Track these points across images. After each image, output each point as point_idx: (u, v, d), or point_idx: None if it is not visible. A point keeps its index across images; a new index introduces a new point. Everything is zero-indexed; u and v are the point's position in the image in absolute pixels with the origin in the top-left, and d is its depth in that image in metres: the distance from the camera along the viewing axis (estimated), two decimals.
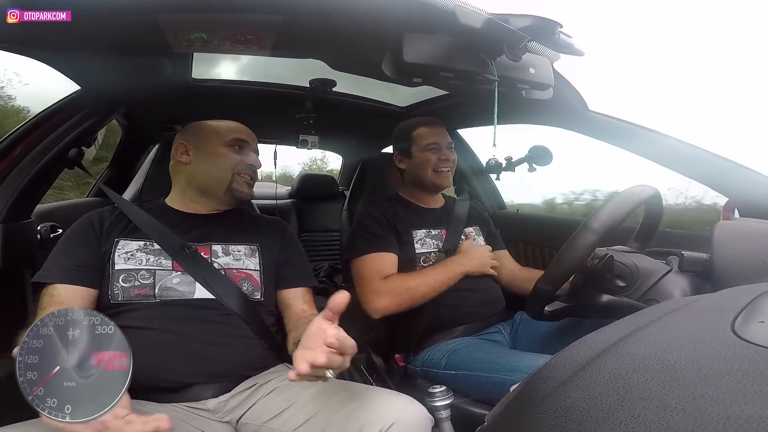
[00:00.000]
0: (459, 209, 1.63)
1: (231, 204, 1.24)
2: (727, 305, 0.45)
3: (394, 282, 1.35)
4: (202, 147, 1.20)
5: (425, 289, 1.33)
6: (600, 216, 0.87)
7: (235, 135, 1.21)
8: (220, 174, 1.19)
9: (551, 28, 0.88)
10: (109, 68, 1.21)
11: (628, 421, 0.33)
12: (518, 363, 1.15)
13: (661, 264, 0.96)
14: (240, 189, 1.20)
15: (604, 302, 0.92)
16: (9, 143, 1.29)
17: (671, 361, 0.37)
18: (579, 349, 0.47)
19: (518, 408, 0.50)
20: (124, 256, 1.07)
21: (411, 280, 1.35)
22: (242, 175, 1.20)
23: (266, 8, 0.90)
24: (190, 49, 1.09)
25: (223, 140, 1.20)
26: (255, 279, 1.16)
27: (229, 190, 1.20)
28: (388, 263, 1.41)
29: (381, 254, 1.41)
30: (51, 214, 1.62)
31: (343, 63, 1.30)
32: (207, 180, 1.20)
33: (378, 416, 0.85)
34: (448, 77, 0.93)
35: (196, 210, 1.22)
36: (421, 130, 1.57)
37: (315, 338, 0.75)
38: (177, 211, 1.21)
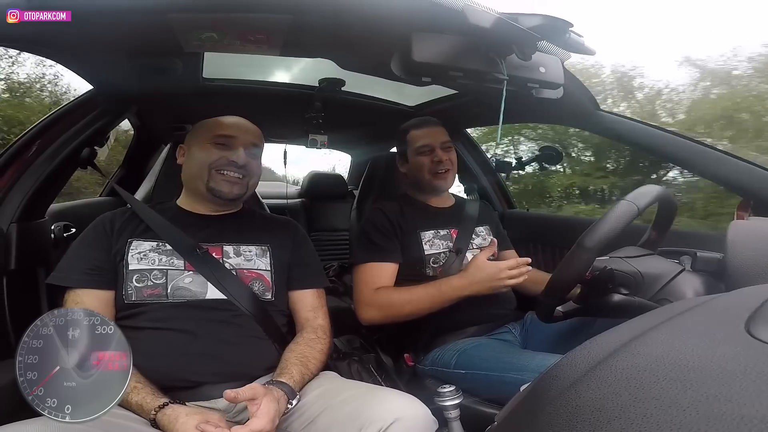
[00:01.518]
0: (470, 208, 1.62)
1: (217, 203, 1.21)
2: (742, 305, 0.45)
3: (381, 295, 1.35)
4: (190, 146, 1.21)
5: (410, 307, 1.31)
6: (594, 234, 0.86)
7: (219, 131, 1.18)
8: (197, 171, 1.17)
9: (562, 27, 0.88)
10: (122, 68, 1.22)
11: (639, 421, 0.33)
12: (529, 362, 1.15)
13: (673, 264, 0.95)
14: (217, 188, 1.16)
15: (616, 302, 0.91)
16: (23, 143, 1.30)
17: (684, 361, 0.37)
18: (590, 349, 0.47)
19: (528, 407, 0.49)
20: (137, 256, 1.08)
21: (398, 296, 1.34)
22: (221, 171, 1.17)
23: (275, 8, 0.91)
24: (200, 49, 1.10)
25: (207, 137, 1.18)
26: (266, 279, 1.17)
27: (208, 189, 1.17)
28: (384, 274, 1.40)
29: (377, 264, 1.41)
30: (64, 213, 1.63)
31: (352, 62, 1.30)
32: (188, 179, 1.21)
33: (379, 414, 0.85)
34: (457, 76, 0.93)
35: (206, 211, 1.22)
36: (413, 133, 1.56)
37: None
38: (188, 212, 1.22)
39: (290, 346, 1.11)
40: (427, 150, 1.53)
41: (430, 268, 1.45)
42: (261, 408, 0.85)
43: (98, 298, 1.04)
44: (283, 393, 0.93)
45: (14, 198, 1.27)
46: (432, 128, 1.56)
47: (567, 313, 1.00)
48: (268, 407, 0.86)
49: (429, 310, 1.31)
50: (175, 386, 0.98)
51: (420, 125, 1.57)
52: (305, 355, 1.08)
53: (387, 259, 1.42)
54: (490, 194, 2.27)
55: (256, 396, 0.86)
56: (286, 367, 1.02)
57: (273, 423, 0.85)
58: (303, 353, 1.08)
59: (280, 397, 0.91)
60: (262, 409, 0.85)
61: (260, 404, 0.86)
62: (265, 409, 0.85)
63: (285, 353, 1.08)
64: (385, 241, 1.44)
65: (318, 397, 0.98)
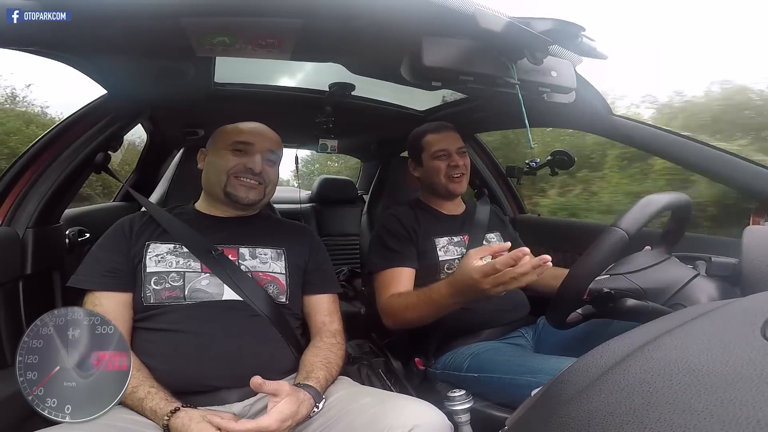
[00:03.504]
0: (480, 214, 1.61)
1: (235, 207, 1.23)
2: (757, 309, 0.44)
3: (390, 302, 1.34)
4: (210, 152, 1.24)
5: (411, 314, 1.26)
6: (583, 265, 0.87)
7: (237, 137, 1.20)
8: (216, 177, 1.20)
9: (574, 31, 0.88)
10: (135, 72, 1.24)
11: (653, 425, 0.33)
12: (543, 365, 1.14)
13: (687, 269, 0.94)
14: (235, 193, 1.19)
15: (629, 306, 0.90)
16: (38, 148, 1.32)
17: (698, 365, 0.36)
18: (603, 353, 0.47)
19: (540, 412, 0.49)
20: (155, 258, 1.10)
21: (398, 302, 1.32)
22: (239, 177, 1.19)
23: (286, 12, 0.91)
24: (212, 53, 1.11)
25: (226, 143, 1.20)
26: (281, 282, 1.17)
27: (226, 194, 1.19)
28: (401, 279, 1.39)
29: (394, 270, 1.40)
30: (79, 218, 1.65)
31: (362, 67, 1.30)
32: (207, 184, 1.23)
33: (398, 422, 0.85)
34: (467, 81, 0.92)
35: (223, 214, 1.24)
36: (429, 138, 1.56)
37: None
38: (205, 215, 1.23)
39: (312, 350, 1.11)
40: (444, 155, 1.52)
41: (444, 275, 1.44)
42: (277, 406, 0.85)
43: (116, 300, 1.05)
44: (309, 396, 0.94)
45: (30, 203, 1.29)
46: (448, 133, 1.56)
47: (585, 316, 1.00)
48: (283, 407, 0.86)
49: (429, 316, 1.22)
50: (192, 391, 0.99)
51: (436, 130, 1.57)
52: (329, 360, 1.08)
53: (403, 263, 1.41)
54: (500, 199, 2.27)
55: (279, 392, 0.86)
56: (313, 370, 1.02)
57: (282, 424, 0.85)
58: (327, 358, 1.09)
59: (306, 400, 0.92)
60: (278, 407, 0.85)
61: (278, 402, 0.86)
62: (280, 408, 0.85)
63: (308, 357, 1.08)
64: (401, 246, 1.44)
65: (335, 402, 0.98)
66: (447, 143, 1.53)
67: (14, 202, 1.28)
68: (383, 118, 2.07)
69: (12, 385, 0.96)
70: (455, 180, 1.52)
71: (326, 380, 1.03)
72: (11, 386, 0.97)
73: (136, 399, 0.91)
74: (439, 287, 1.17)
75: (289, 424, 0.87)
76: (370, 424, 0.87)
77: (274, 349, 1.09)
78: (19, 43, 0.93)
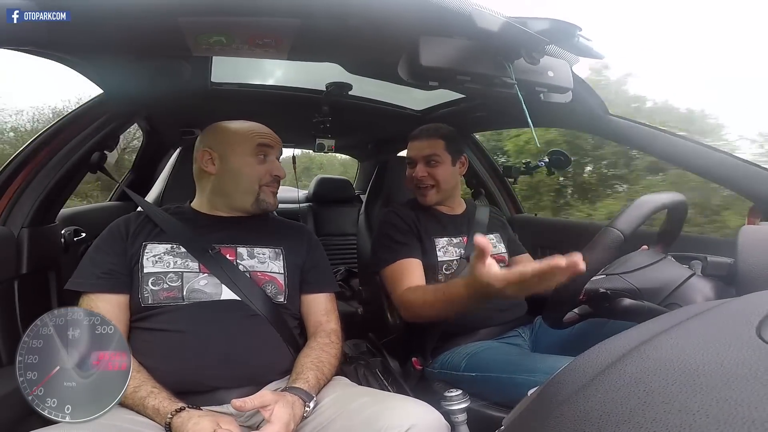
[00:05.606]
0: (480, 216, 1.61)
1: (257, 213, 1.24)
2: (753, 309, 0.44)
3: (409, 296, 1.30)
4: (227, 156, 1.19)
5: (430, 311, 1.23)
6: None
7: (259, 140, 1.20)
8: (247, 187, 1.19)
9: (570, 31, 0.88)
10: (131, 72, 1.23)
11: (648, 425, 0.33)
12: (541, 364, 1.14)
13: (683, 268, 0.95)
14: (267, 200, 1.21)
15: (625, 306, 0.90)
16: (33, 148, 1.31)
17: (694, 365, 0.37)
18: (599, 353, 0.47)
19: (536, 412, 0.49)
20: (152, 259, 1.09)
21: (420, 298, 1.27)
22: (270, 186, 1.21)
23: (283, 12, 0.91)
24: (209, 53, 1.11)
25: (248, 148, 1.19)
26: (279, 282, 1.17)
27: (257, 202, 1.20)
28: (413, 270, 1.37)
29: (405, 261, 1.38)
30: (74, 218, 1.65)
31: (359, 66, 1.30)
32: (234, 193, 1.20)
33: (394, 422, 0.84)
34: (464, 80, 0.92)
35: (222, 213, 1.23)
36: (409, 143, 1.55)
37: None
38: (203, 214, 1.22)
39: (305, 351, 1.11)
40: (411, 163, 1.52)
41: (442, 275, 1.44)
42: (275, 413, 0.85)
43: (111, 302, 1.04)
44: (297, 397, 0.93)
45: (25, 203, 1.28)
46: (422, 141, 1.52)
47: (582, 315, 1.00)
48: (281, 412, 0.85)
49: (449, 313, 1.18)
50: (190, 390, 0.98)
51: (415, 136, 1.55)
52: (321, 359, 1.08)
53: (412, 255, 1.40)
54: (497, 199, 2.27)
55: (265, 403, 0.86)
56: (302, 372, 1.02)
57: (288, 427, 0.85)
58: (318, 358, 1.08)
59: (295, 401, 0.91)
60: (276, 413, 0.85)
61: (273, 410, 0.85)
62: (279, 414, 0.85)
63: (300, 358, 1.08)
64: (407, 239, 1.43)
65: (331, 402, 0.98)
66: (414, 151, 1.52)
67: (9, 202, 1.27)
68: (380, 117, 2.07)
69: (6, 385, 0.96)
70: (419, 191, 1.52)
71: (317, 379, 1.02)
72: (6, 386, 0.97)
73: (137, 398, 0.90)
74: (458, 289, 1.07)
75: (293, 427, 0.87)
76: (366, 424, 0.87)
77: (272, 349, 1.08)
78: (19, 43, 0.93)
